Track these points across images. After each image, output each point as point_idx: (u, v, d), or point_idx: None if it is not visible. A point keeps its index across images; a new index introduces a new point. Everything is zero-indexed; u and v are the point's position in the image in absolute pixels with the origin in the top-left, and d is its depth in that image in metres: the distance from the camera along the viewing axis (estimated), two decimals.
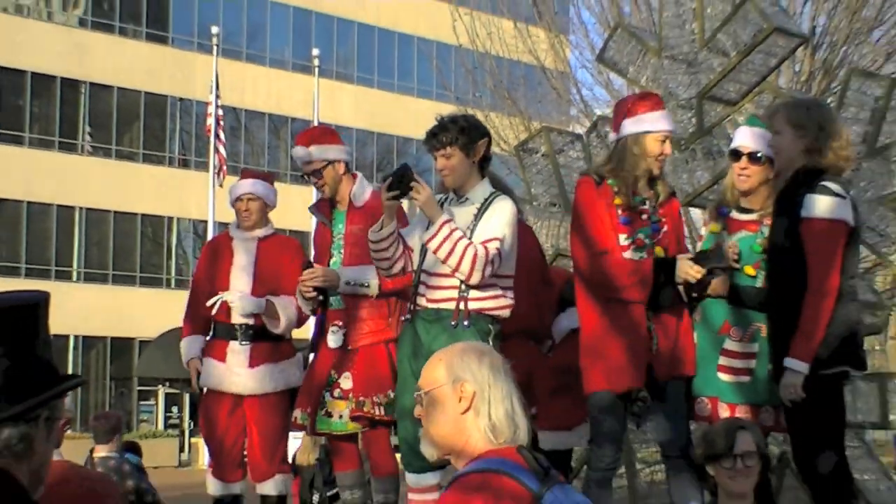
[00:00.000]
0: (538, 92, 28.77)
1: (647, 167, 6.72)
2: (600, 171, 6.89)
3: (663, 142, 6.76)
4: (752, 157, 6.87)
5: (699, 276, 6.54)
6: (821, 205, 6.21)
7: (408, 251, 6.63)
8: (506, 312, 6.55)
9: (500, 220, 6.48)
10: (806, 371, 6.04)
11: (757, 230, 6.77)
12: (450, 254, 6.29)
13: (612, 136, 7.00)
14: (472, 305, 6.42)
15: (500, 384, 3.54)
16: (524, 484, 3.32)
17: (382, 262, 6.63)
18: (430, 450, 3.64)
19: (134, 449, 13.63)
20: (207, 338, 8.41)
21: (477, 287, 6.39)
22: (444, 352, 3.79)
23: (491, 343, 6.35)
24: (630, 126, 6.73)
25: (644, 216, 6.79)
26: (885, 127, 8.45)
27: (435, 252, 6.36)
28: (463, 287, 6.40)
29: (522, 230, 7.39)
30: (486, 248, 6.32)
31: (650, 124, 6.72)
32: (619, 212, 6.70)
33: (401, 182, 6.37)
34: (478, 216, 6.50)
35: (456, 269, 6.32)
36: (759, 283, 6.70)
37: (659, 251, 6.74)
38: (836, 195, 6.24)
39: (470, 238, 6.37)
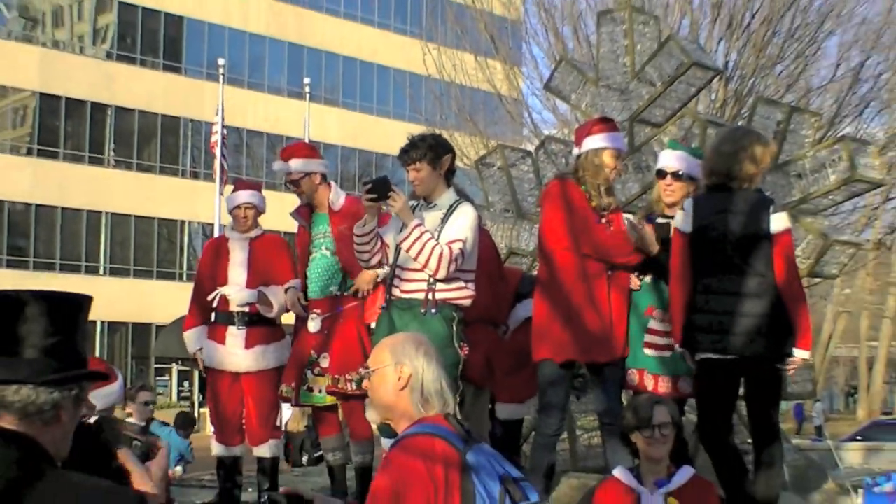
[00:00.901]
0: (495, 115, 28.87)
1: (605, 176, 6.82)
2: (571, 178, 6.96)
3: (617, 157, 6.89)
4: (676, 175, 6.91)
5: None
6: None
7: (384, 247, 6.65)
8: (467, 302, 6.57)
9: (463, 223, 6.48)
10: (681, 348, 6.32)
11: None
12: (419, 252, 6.31)
13: (575, 151, 7.06)
14: (439, 296, 6.44)
15: (433, 368, 3.82)
16: (453, 444, 3.58)
17: (363, 255, 6.68)
18: (373, 415, 4.02)
19: (182, 421, 13.10)
20: (208, 326, 8.41)
21: (443, 280, 6.41)
22: (389, 339, 4.11)
23: (455, 328, 6.48)
24: (592, 143, 6.82)
25: (604, 220, 6.89)
26: (784, 146, 8.49)
27: (407, 251, 6.38)
28: (430, 280, 6.41)
29: (481, 232, 7.45)
30: (450, 248, 6.34)
31: (608, 142, 6.83)
32: (594, 213, 6.83)
33: (380, 189, 6.39)
34: (444, 220, 6.50)
35: (425, 266, 6.35)
36: None
37: None
38: (682, 209, 6.42)
39: (437, 239, 6.38)
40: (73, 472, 2.68)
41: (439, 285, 6.44)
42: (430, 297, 6.44)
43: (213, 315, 8.32)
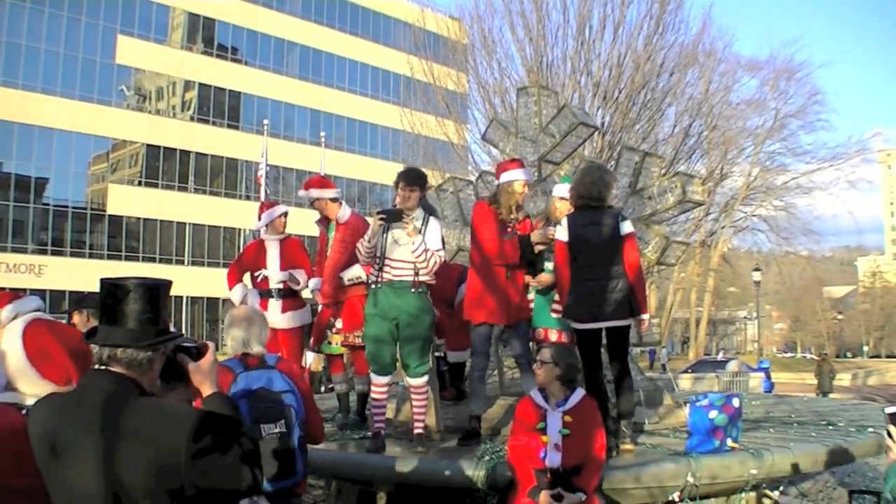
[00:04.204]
0: (449, 156, 28.92)
1: (515, 199, 6.78)
2: (490, 199, 6.94)
3: (523, 185, 6.82)
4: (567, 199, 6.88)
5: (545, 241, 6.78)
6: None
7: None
8: (432, 282, 6.49)
9: (439, 235, 6.47)
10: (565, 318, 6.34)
11: None
12: (424, 257, 6.29)
13: (495, 182, 7.01)
14: (420, 279, 6.36)
15: (234, 329, 4.31)
16: (231, 369, 4.08)
17: (365, 255, 6.52)
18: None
19: None
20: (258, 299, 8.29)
21: (422, 269, 6.36)
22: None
23: (430, 300, 6.45)
24: (506, 176, 6.78)
25: (509, 228, 6.80)
26: (640, 178, 8.49)
27: (414, 252, 6.30)
28: (416, 269, 6.33)
29: None
30: (439, 256, 6.37)
31: (517, 175, 6.78)
32: (498, 223, 6.77)
33: (391, 216, 6.32)
34: (422, 226, 6.41)
35: (424, 265, 6.31)
36: None
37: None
38: (560, 224, 6.38)
39: (426, 243, 6.36)
40: (156, 398, 2.73)
41: (420, 273, 6.35)
42: (416, 279, 6.35)
43: (257, 292, 8.25)
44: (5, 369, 3.53)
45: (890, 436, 3.21)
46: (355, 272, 7.60)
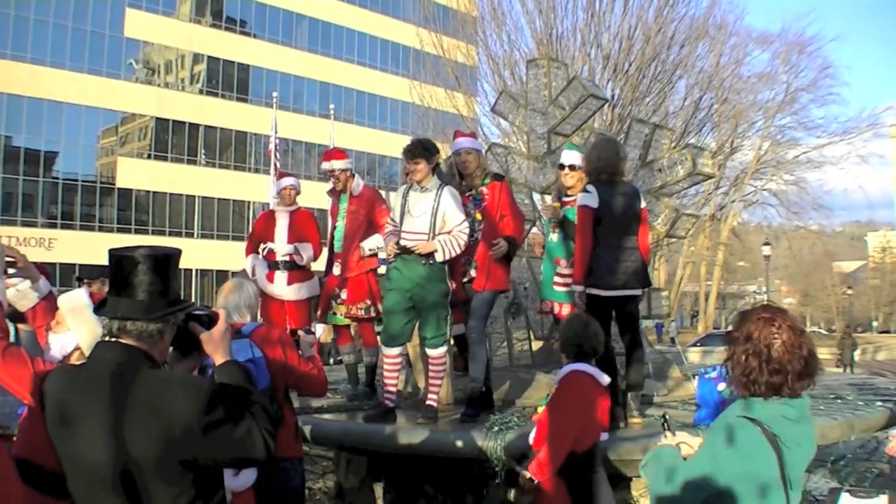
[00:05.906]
0: (459, 129, 28.83)
1: (452, 174, 6.84)
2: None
3: (464, 152, 6.86)
4: (571, 167, 6.83)
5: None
6: (579, 197, 6.31)
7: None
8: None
9: (456, 206, 6.32)
10: (580, 289, 6.18)
11: (574, 205, 6.70)
12: (452, 249, 6.21)
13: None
14: None
15: (218, 298, 4.57)
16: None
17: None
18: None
19: None
20: (259, 254, 8.30)
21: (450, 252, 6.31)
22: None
23: (445, 270, 6.38)
24: (452, 148, 6.94)
25: (469, 196, 6.82)
26: (651, 151, 8.46)
27: (445, 256, 6.22)
28: (428, 239, 6.25)
29: None
30: (462, 231, 6.25)
31: (456, 146, 6.89)
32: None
33: (404, 250, 6.26)
34: (436, 198, 6.30)
35: (456, 251, 6.25)
36: None
37: (478, 216, 6.79)
38: (586, 192, 6.26)
39: (439, 215, 6.27)
40: (167, 370, 2.76)
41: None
42: None
43: (266, 264, 8.23)
44: (82, 343, 3.61)
45: (668, 429, 3.28)
46: (375, 241, 7.62)
